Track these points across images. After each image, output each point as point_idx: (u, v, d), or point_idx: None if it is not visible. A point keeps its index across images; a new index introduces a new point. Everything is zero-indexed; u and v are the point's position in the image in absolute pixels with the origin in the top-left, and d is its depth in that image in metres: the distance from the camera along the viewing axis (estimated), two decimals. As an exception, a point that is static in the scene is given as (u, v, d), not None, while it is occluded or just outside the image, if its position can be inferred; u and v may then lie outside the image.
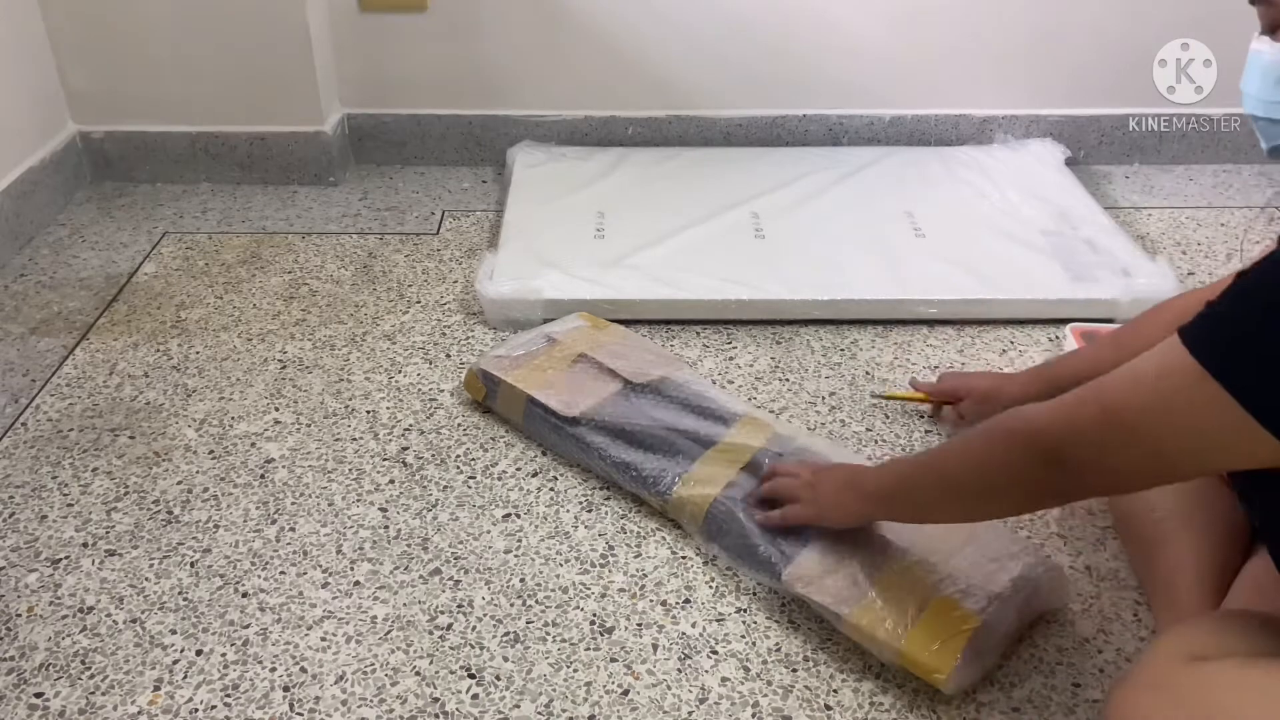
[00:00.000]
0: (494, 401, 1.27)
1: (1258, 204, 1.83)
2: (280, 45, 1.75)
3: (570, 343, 1.31)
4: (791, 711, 0.91)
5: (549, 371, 1.26)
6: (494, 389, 1.26)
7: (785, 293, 1.47)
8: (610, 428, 1.17)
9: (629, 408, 1.20)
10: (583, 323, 1.37)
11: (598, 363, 1.27)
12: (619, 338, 1.35)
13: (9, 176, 1.66)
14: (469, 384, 1.30)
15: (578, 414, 1.18)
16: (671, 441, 1.15)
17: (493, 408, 1.28)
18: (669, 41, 1.85)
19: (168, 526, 1.12)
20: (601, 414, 1.19)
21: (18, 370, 1.38)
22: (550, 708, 0.92)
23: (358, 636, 0.99)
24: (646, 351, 1.32)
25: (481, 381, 1.27)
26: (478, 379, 1.28)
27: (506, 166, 1.88)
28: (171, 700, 0.93)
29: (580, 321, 1.38)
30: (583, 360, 1.28)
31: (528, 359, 1.28)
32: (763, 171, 1.81)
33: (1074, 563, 1.07)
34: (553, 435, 1.20)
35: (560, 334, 1.33)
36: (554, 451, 1.22)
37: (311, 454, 1.23)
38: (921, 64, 1.89)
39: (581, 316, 1.39)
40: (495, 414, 1.28)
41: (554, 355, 1.29)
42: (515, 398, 1.23)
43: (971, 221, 1.66)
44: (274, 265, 1.63)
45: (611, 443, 1.16)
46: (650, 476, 1.11)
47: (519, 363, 1.28)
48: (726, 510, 1.06)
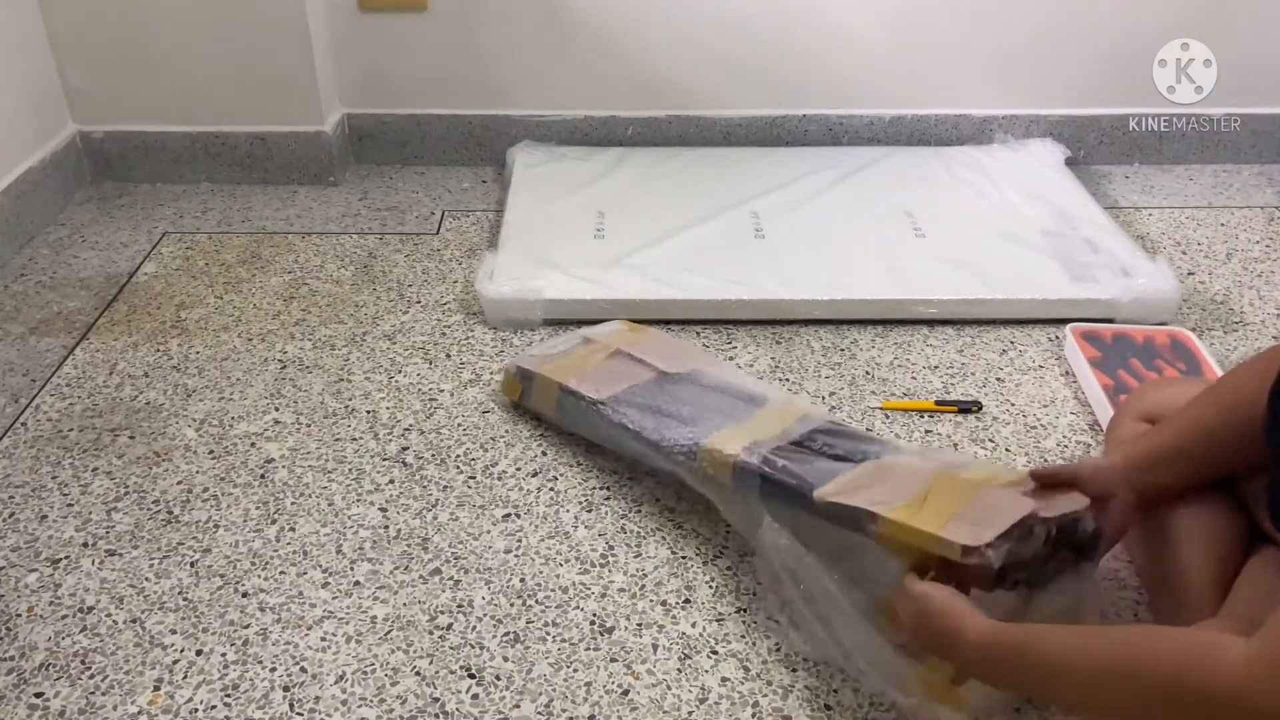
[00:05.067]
0: (529, 399, 1.27)
1: (1258, 204, 1.83)
2: (280, 45, 1.75)
3: (606, 342, 1.32)
4: (791, 711, 0.91)
5: (583, 364, 1.27)
6: (529, 385, 1.27)
7: (785, 293, 1.47)
8: (639, 405, 1.17)
9: (660, 392, 1.20)
10: (621, 327, 1.38)
11: (631, 355, 1.27)
12: (655, 337, 1.35)
13: (9, 176, 1.66)
14: (506, 385, 1.31)
15: (606, 397, 1.18)
16: (700, 416, 1.13)
17: (527, 405, 1.28)
18: (669, 41, 1.85)
19: (168, 526, 1.12)
20: (632, 396, 1.18)
21: (18, 370, 1.38)
22: (550, 708, 0.92)
23: (358, 636, 0.99)
24: (683, 347, 1.33)
25: (518, 379, 1.28)
26: (514, 378, 1.29)
27: (506, 166, 1.88)
28: (171, 700, 0.93)
29: (619, 326, 1.38)
30: (618, 355, 1.28)
31: (563, 355, 1.30)
32: (763, 171, 1.81)
33: (1074, 563, 1.07)
34: (584, 421, 1.21)
35: (597, 335, 1.34)
36: (588, 437, 1.22)
37: (311, 454, 1.23)
38: (921, 64, 1.89)
39: (620, 323, 1.40)
40: (523, 412, 1.28)
41: (589, 351, 1.30)
42: (548, 388, 1.24)
43: (971, 221, 1.66)
44: (274, 265, 1.63)
45: (641, 415, 1.15)
46: (677, 442, 1.09)
47: (554, 359, 1.29)
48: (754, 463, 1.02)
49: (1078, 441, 1.24)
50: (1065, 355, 1.40)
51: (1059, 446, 1.24)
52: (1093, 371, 1.32)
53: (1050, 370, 1.38)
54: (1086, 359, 1.34)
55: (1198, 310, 1.51)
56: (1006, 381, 1.36)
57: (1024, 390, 1.34)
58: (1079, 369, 1.35)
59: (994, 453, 1.23)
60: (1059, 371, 1.38)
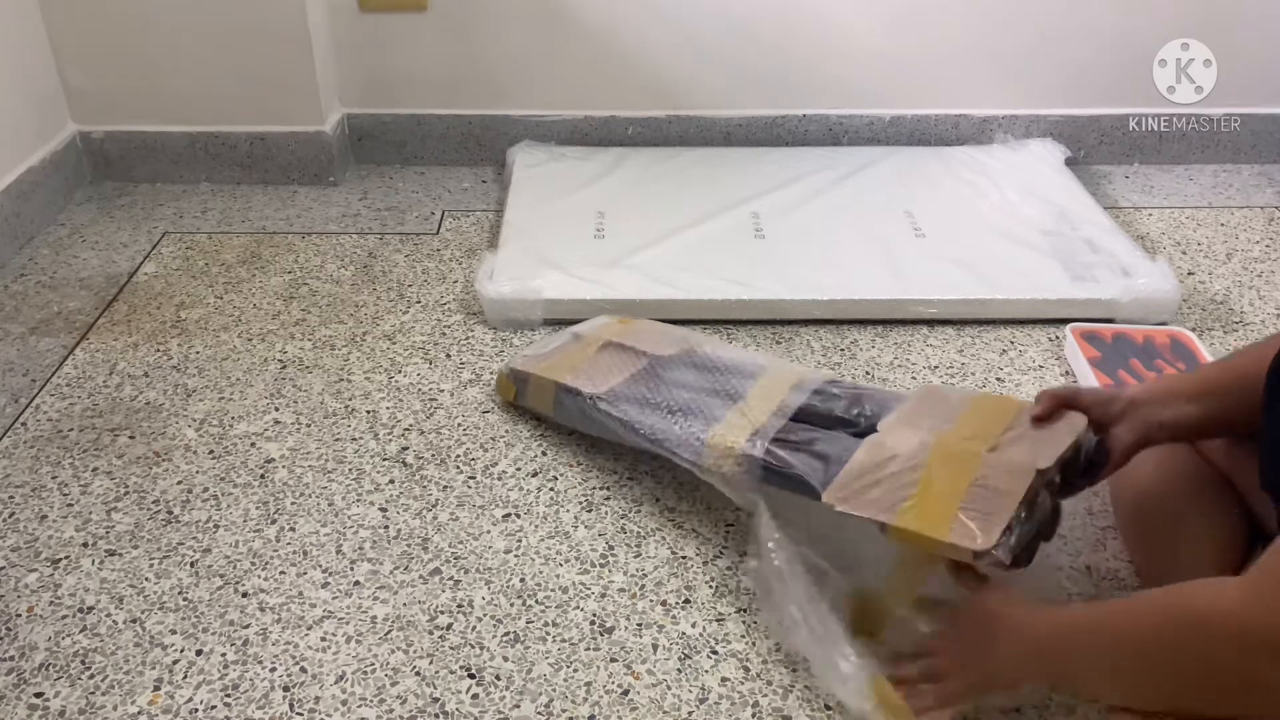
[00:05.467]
0: (524, 399, 1.28)
1: (1258, 204, 1.83)
2: (280, 45, 1.75)
3: (596, 335, 1.32)
4: (791, 711, 0.91)
5: (576, 360, 1.26)
6: (523, 386, 1.27)
7: (785, 293, 1.47)
8: (638, 399, 1.16)
9: (655, 379, 1.19)
10: (609, 320, 1.38)
11: (622, 345, 1.27)
12: (644, 325, 1.35)
13: (9, 176, 1.66)
14: (500, 386, 1.32)
15: (604, 391, 1.18)
16: (700, 403, 1.13)
17: (523, 405, 1.29)
18: (669, 41, 1.85)
19: (168, 526, 1.12)
20: (630, 388, 1.18)
21: (18, 370, 1.38)
22: (550, 708, 0.92)
23: (358, 636, 0.99)
24: (670, 331, 1.32)
25: (511, 380, 1.29)
26: (508, 379, 1.30)
27: (506, 166, 1.88)
28: (171, 700, 0.93)
29: (606, 319, 1.38)
30: (608, 347, 1.28)
31: (556, 353, 1.30)
32: (763, 171, 1.81)
33: (1074, 562, 1.07)
34: (583, 418, 1.20)
35: (586, 331, 1.34)
36: (588, 434, 1.22)
37: (311, 454, 1.23)
38: (921, 64, 1.89)
39: (608, 316, 1.40)
40: (522, 412, 1.28)
41: (580, 347, 1.30)
42: (544, 388, 1.24)
43: (971, 221, 1.66)
44: (274, 265, 1.63)
45: (641, 411, 1.14)
46: (680, 439, 1.09)
47: (547, 358, 1.29)
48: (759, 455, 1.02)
49: (1078, 441, 1.24)
50: (1065, 355, 1.40)
51: (1059, 446, 1.24)
52: (1093, 371, 1.32)
53: (1050, 370, 1.38)
54: (1086, 359, 1.34)
55: (1198, 310, 1.51)
56: (1006, 381, 1.36)
57: (1024, 390, 1.34)
58: (1079, 369, 1.35)
59: (994, 453, 1.22)
60: (1059, 371, 1.38)
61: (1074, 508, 1.14)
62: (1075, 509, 1.13)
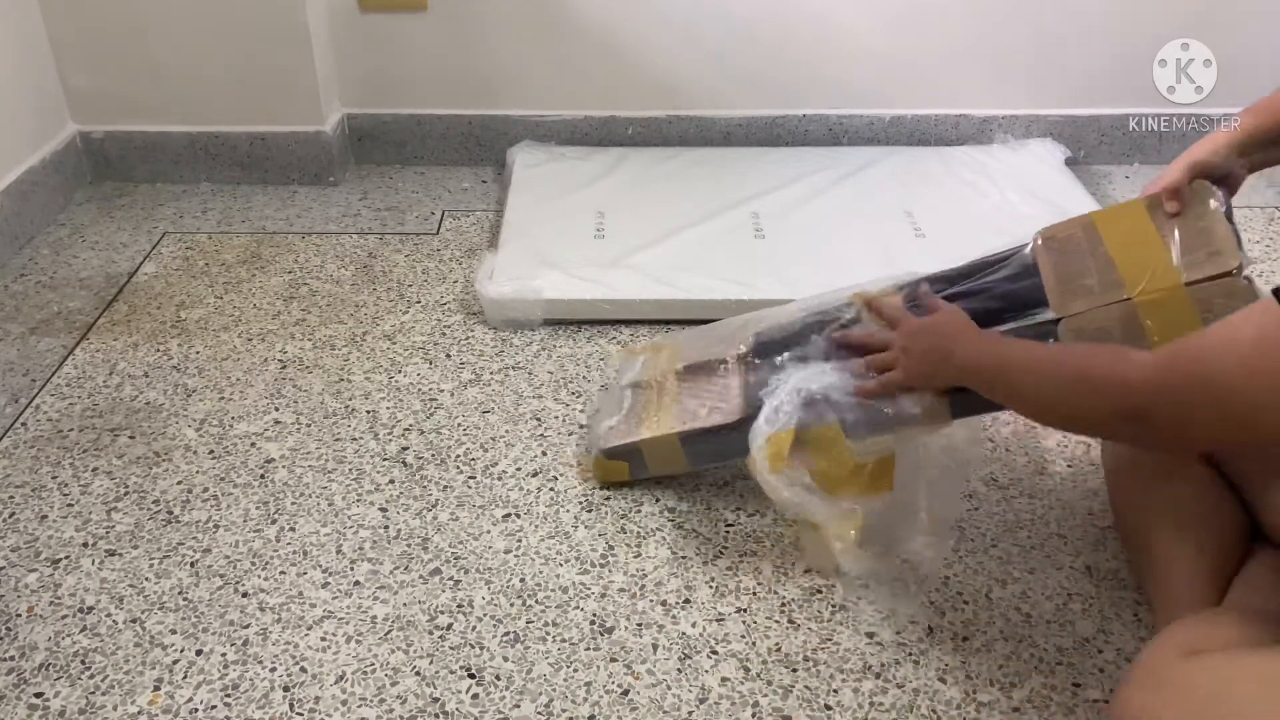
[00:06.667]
0: (642, 470, 1.15)
1: (1258, 204, 1.83)
2: (280, 45, 1.75)
3: (651, 376, 1.21)
4: (791, 711, 0.91)
5: (667, 405, 1.14)
6: (636, 459, 1.14)
7: (785, 293, 1.46)
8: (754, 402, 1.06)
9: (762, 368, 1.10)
10: (641, 357, 1.28)
11: (692, 367, 1.17)
12: (679, 341, 1.26)
13: (9, 176, 1.66)
14: (605, 472, 1.17)
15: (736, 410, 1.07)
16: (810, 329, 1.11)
17: (642, 476, 1.16)
18: (669, 41, 1.85)
19: (168, 526, 1.12)
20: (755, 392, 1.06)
21: (18, 370, 1.38)
22: (550, 708, 0.92)
23: (358, 636, 0.99)
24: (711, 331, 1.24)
25: (612, 458, 1.15)
26: (607, 459, 1.16)
27: (506, 166, 1.88)
28: (171, 700, 0.93)
29: (640, 358, 1.28)
30: (678, 377, 1.17)
31: (635, 413, 1.17)
32: (763, 171, 1.81)
33: (1074, 562, 1.07)
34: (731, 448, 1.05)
35: (637, 378, 1.23)
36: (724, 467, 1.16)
37: (311, 454, 1.23)
38: (921, 64, 1.89)
39: (629, 353, 1.33)
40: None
41: (654, 394, 1.18)
42: (666, 446, 1.11)
43: (971, 221, 1.66)
44: (274, 265, 1.63)
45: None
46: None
47: (631, 420, 1.16)
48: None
49: (1078, 441, 1.24)
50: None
51: (1059, 446, 1.24)
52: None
53: (1050, 370, 1.38)
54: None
55: (1198, 310, 1.51)
56: (1006, 381, 1.35)
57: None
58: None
59: (994, 452, 1.23)
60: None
61: (1074, 508, 1.14)
62: (1075, 509, 1.14)
